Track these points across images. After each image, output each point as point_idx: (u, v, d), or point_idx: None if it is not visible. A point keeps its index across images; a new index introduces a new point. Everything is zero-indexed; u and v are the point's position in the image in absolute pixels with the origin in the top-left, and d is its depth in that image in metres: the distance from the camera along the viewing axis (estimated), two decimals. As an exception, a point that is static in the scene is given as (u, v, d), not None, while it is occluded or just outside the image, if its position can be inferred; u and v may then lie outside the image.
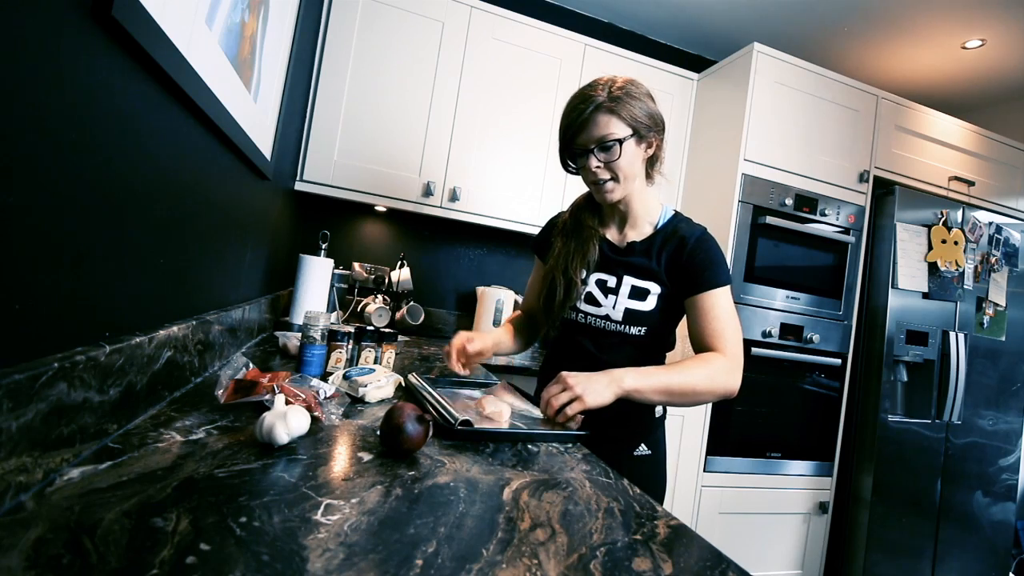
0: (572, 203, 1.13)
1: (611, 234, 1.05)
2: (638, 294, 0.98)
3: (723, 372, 0.90)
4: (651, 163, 1.01)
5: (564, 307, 1.03)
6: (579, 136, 0.94)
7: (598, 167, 0.94)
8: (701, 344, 0.95)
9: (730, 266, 1.87)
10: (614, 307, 0.98)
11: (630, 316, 0.97)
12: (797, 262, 1.98)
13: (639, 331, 0.97)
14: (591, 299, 1.01)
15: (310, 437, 0.64)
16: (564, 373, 0.85)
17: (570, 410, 0.81)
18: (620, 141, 0.91)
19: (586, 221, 1.06)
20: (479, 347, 1.05)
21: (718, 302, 0.93)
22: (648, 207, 1.02)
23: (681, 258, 0.96)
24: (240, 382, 0.74)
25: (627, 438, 1.00)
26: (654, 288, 0.97)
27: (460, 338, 1.05)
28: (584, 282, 1.02)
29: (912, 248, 2.04)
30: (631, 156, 0.94)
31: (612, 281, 1.00)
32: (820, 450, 2.01)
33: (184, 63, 0.61)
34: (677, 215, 1.04)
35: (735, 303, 1.87)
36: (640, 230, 1.03)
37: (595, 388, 0.83)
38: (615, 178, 0.95)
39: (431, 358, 1.48)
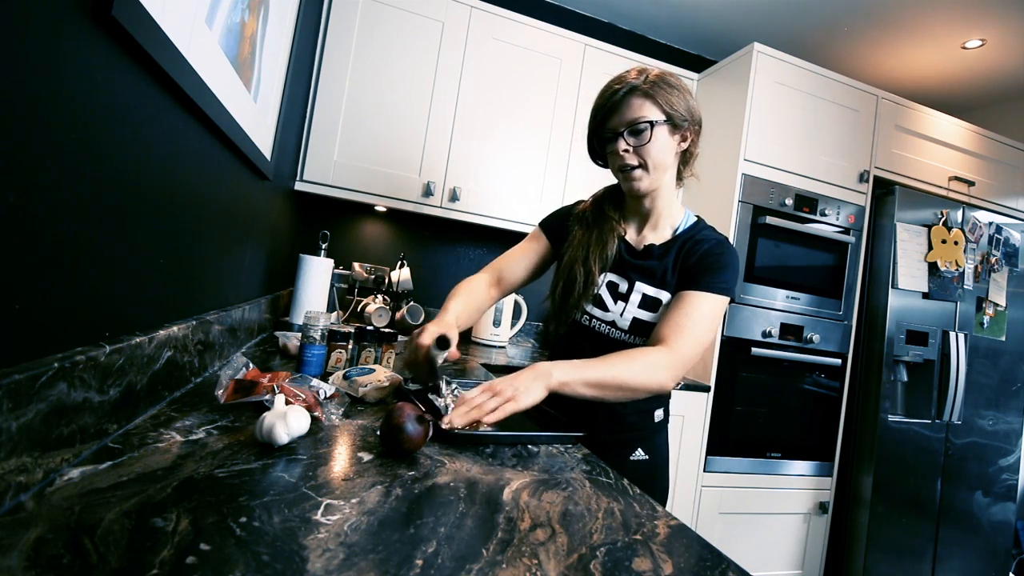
0: (592, 195, 1.06)
1: (630, 234, 0.99)
2: (649, 304, 0.92)
3: (660, 369, 0.81)
4: (684, 160, 0.96)
5: (581, 301, 0.96)
6: (611, 118, 0.89)
7: (626, 151, 0.88)
8: (656, 333, 0.86)
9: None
10: (622, 314, 0.93)
11: (637, 326, 0.92)
12: (797, 262, 1.98)
13: (644, 343, 0.91)
14: (599, 302, 0.95)
15: (310, 437, 0.64)
16: (491, 382, 0.77)
17: (501, 413, 0.72)
18: (652, 123, 0.86)
19: (608, 212, 0.99)
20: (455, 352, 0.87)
21: (699, 302, 0.86)
22: (672, 209, 0.97)
23: (692, 260, 0.90)
24: (240, 382, 0.74)
25: (622, 443, 0.98)
26: (665, 298, 0.91)
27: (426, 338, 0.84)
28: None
29: (912, 248, 2.04)
30: (663, 144, 0.88)
31: (623, 285, 0.94)
32: (820, 450, 2.01)
33: (184, 63, 0.61)
34: (700, 221, 0.98)
35: (735, 302, 1.91)
36: (660, 233, 0.96)
37: (525, 386, 0.75)
38: (644, 166, 0.89)
39: (431, 358, 1.48)
